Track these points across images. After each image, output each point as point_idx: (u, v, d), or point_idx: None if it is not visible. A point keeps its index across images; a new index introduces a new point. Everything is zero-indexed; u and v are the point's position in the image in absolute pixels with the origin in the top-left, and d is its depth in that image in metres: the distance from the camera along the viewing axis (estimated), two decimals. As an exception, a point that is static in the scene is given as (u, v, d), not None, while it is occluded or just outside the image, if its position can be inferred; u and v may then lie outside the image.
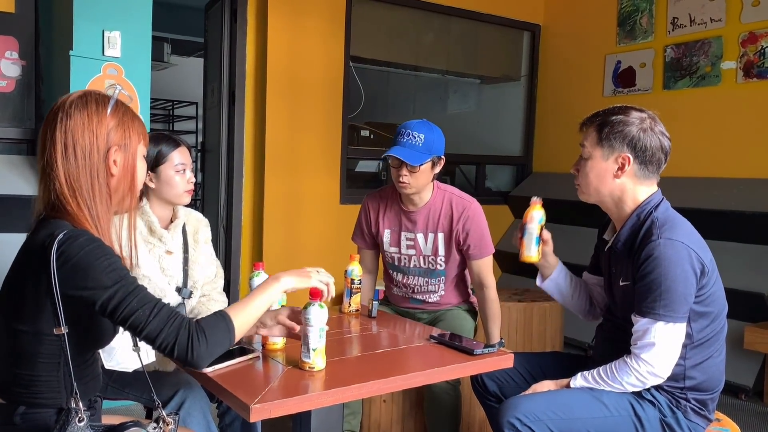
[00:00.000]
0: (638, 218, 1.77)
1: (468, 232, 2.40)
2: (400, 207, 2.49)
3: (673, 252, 1.65)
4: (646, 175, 1.78)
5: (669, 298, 1.64)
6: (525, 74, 5.47)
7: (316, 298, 1.54)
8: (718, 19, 4.14)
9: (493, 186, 5.52)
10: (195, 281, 2.21)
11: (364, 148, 4.80)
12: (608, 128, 1.76)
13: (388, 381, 1.54)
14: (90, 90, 1.39)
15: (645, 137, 1.74)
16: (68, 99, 1.35)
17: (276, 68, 4.10)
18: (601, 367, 1.76)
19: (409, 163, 2.28)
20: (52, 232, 1.26)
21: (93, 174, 1.32)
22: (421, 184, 2.37)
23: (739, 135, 4.02)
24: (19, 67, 3.30)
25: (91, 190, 1.32)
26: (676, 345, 1.68)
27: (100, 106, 1.34)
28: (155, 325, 1.27)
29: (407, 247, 2.50)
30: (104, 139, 1.33)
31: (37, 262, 1.26)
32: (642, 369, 1.68)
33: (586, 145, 1.81)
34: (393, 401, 2.63)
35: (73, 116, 1.31)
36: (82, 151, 1.31)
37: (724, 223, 3.70)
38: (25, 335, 1.30)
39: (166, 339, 1.28)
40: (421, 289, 2.54)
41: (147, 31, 3.22)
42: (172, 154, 2.10)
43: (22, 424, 1.33)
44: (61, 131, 1.31)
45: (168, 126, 8.79)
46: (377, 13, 4.68)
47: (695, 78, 4.27)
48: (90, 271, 1.24)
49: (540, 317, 3.51)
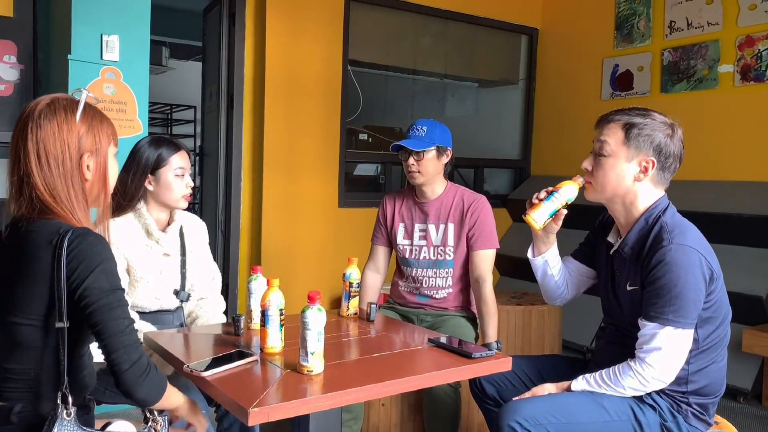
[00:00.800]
0: (646, 222, 1.76)
1: (475, 222, 2.53)
2: (414, 200, 2.64)
3: (684, 258, 1.64)
4: (662, 181, 1.78)
5: (679, 304, 1.63)
6: (523, 78, 5.48)
7: (314, 302, 1.54)
8: (715, 23, 4.15)
9: (491, 189, 5.52)
10: (192, 284, 2.21)
11: (362, 151, 4.81)
12: (637, 130, 1.74)
13: (387, 384, 1.54)
14: (57, 96, 1.40)
15: (670, 144, 1.74)
16: (36, 107, 1.36)
17: (274, 72, 4.11)
18: (603, 370, 1.76)
19: (412, 148, 2.47)
20: (57, 230, 1.30)
21: (68, 181, 1.36)
22: (430, 172, 2.52)
23: (737, 138, 4.03)
24: (17, 71, 3.30)
25: (68, 195, 1.36)
26: (683, 351, 1.67)
27: (68, 113, 1.36)
28: (126, 340, 1.32)
29: (419, 238, 2.61)
30: (75, 146, 1.36)
31: (43, 257, 1.29)
32: (646, 373, 1.68)
33: (610, 143, 1.76)
34: (392, 405, 2.63)
35: (43, 126, 1.33)
36: (55, 159, 1.34)
37: (722, 226, 3.71)
38: (23, 328, 1.31)
39: (131, 355, 1.32)
40: (429, 282, 2.59)
41: (145, 35, 3.22)
42: (172, 158, 2.11)
43: (18, 422, 1.33)
44: (33, 141, 1.33)
45: (166, 130, 8.81)
46: (375, 16, 4.68)
47: (693, 81, 4.28)
48: (95, 270, 1.29)
49: (538, 320, 3.51)
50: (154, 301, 2.09)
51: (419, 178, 2.52)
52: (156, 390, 1.39)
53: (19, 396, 1.34)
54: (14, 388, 1.34)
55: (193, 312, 2.25)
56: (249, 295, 1.96)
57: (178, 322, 2.16)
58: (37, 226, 1.32)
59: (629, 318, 1.79)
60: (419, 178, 2.52)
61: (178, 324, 2.16)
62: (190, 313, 2.25)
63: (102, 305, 1.30)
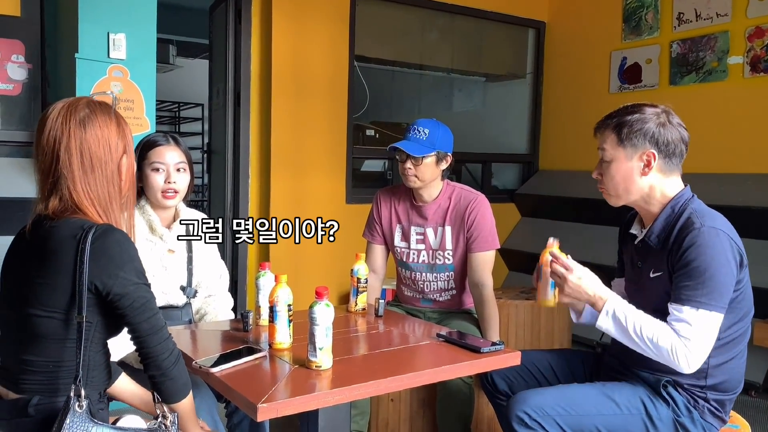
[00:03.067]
0: (672, 210, 1.76)
1: (472, 223, 2.43)
2: (411, 202, 2.54)
3: (716, 240, 1.64)
4: (671, 168, 1.78)
5: (712, 286, 1.62)
6: (530, 72, 5.45)
7: (322, 297, 1.54)
8: (724, 14, 4.11)
9: (499, 184, 5.50)
10: (199, 281, 2.21)
11: (369, 147, 4.80)
12: (627, 128, 1.75)
13: (396, 379, 1.54)
14: (90, 99, 1.43)
15: (665, 131, 1.74)
16: (76, 107, 1.39)
17: (281, 68, 4.11)
18: (640, 312, 1.69)
19: (411, 153, 2.36)
20: (80, 225, 1.34)
21: (109, 183, 1.41)
22: (427, 177, 2.42)
23: (747, 130, 4.00)
24: (25, 70, 3.32)
25: (109, 198, 1.41)
26: (713, 335, 1.64)
27: (108, 116, 1.42)
28: (163, 334, 1.40)
29: (417, 242, 2.52)
30: (116, 148, 1.42)
31: (66, 251, 1.32)
32: (680, 346, 1.62)
33: (607, 148, 1.79)
34: (401, 400, 2.63)
35: (89, 128, 1.38)
36: (99, 161, 1.39)
37: (734, 218, 3.66)
38: (44, 320, 1.34)
39: (168, 345, 1.40)
40: (431, 286, 2.54)
41: (152, 33, 3.22)
42: (149, 153, 2.09)
43: (36, 415, 1.36)
44: (76, 143, 1.37)
45: (174, 128, 8.83)
46: (382, 12, 4.67)
47: (702, 73, 4.24)
48: (122, 265, 1.34)
49: (548, 315, 3.50)
50: (161, 296, 2.09)
51: (415, 182, 2.42)
52: (185, 379, 1.44)
53: (37, 388, 1.37)
54: (33, 381, 1.37)
55: (201, 309, 2.26)
56: (257, 291, 1.96)
57: (186, 319, 2.17)
58: (60, 223, 1.36)
59: (652, 305, 1.76)
60: (416, 182, 2.42)
61: (186, 320, 2.16)
62: (198, 310, 2.25)
63: (134, 301, 1.35)
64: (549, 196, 5.00)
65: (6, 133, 3.31)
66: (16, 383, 1.38)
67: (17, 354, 1.38)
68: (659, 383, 1.74)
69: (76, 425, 1.27)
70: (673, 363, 1.64)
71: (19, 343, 1.38)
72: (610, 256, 2.35)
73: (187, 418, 1.48)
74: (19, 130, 3.30)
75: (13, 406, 1.37)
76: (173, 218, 2.19)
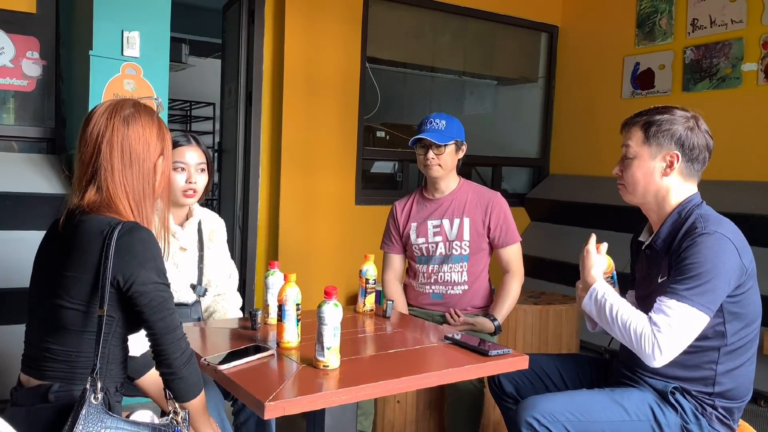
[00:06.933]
0: (679, 215, 1.77)
1: (494, 221, 2.54)
2: (425, 199, 2.64)
3: (716, 244, 1.64)
4: (692, 174, 1.79)
5: (701, 285, 1.61)
6: (542, 75, 5.44)
7: (330, 297, 1.54)
8: (738, 21, 4.08)
9: (509, 188, 5.49)
10: (209, 279, 2.22)
11: (380, 149, 4.80)
12: (655, 127, 1.76)
13: (402, 381, 1.54)
14: (136, 101, 1.51)
15: (692, 135, 1.75)
16: (122, 106, 1.47)
17: (293, 69, 4.12)
18: (624, 300, 1.73)
19: (436, 141, 2.48)
20: (108, 222, 1.39)
21: (146, 180, 1.48)
22: (449, 165, 2.54)
23: (761, 137, 3.97)
24: (39, 66, 3.35)
25: (143, 194, 1.48)
26: (691, 332, 1.62)
27: (149, 118, 1.50)
28: (178, 333, 1.43)
29: (434, 234, 2.59)
30: (155, 149, 1.50)
31: (93, 246, 1.37)
32: (650, 334, 1.62)
33: (632, 145, 1.81)
34: (407, 402, 2.63)
35: (131, 126, 1.46)
36: (137, 158, 1.46)
37: (748, 226, 3.62)
38: (68, 311, 1.38)
39: (181, 344, 1.43)
40: (444, 277, 2.57)
41: (166, 31, 3.24)
42: (172, 152, 2.10)
43: (56, 401, 1.39)
44: (118, 139, 1.44)
45: (186, 126, 8.87)
46: (394, 14, 4.67)
47: (715, 80, 4.22)
48: (145, 263, 1.38)
49: (556, 320, 3.48)
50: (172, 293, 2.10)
51: (438, 171, 2.53)
52: (195, 380, 1.46)
53: (58, 376, 1.41)
54: (54, 368, 1.41)
55: (210, 307, 2.27)
56: (266, 290, 1.97)
57: (195, 316, 2.18)
58: (89, 218, 1.41)
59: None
60: (438, 171, 2.53)
61: (195, 318, 2.17)
62: (207, 308, 2.26)
63: (152, 299, 1.38)
64: (559, 200, 4.99)
65: (20, 128, 3.34)
66: (39, 369, 1.42)
67: (41, 342, 1.42)
68: (667, 389, 1.73)
69: (91, 416, 1.29)
70: (641, 351, 1.63)
71: (44, 331, 1.42)
72: (619, 261, 2.34)
73: (198, 417, 1.49)
74: (32, 126, 3.33)
75: (35, 392, 1.41)
76: (186, 216, 2.20)
